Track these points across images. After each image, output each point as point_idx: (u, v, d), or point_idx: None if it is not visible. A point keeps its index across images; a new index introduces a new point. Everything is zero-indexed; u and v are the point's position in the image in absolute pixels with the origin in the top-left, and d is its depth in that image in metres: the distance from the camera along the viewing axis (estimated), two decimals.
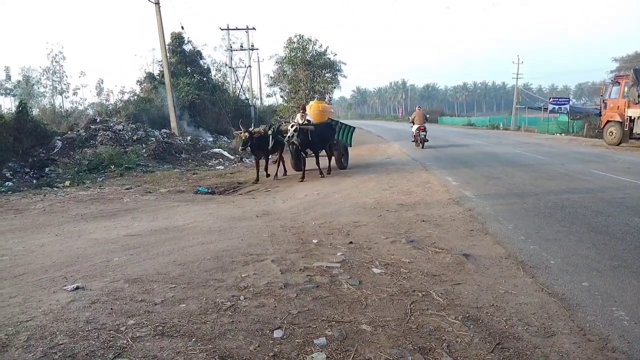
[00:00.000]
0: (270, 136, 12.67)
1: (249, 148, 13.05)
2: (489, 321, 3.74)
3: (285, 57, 27.25)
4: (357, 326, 3.63)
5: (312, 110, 14.40)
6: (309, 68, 26.45)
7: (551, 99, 41.64)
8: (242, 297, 4.19)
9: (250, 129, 12.95)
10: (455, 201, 8.78)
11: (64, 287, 4.46)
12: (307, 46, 26.76)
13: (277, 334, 3.48)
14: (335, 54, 27.82)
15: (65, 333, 3.47)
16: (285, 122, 13.61)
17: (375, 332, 3.54)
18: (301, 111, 13.90)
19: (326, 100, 27.94)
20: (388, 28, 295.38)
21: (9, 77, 39.56)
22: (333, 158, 14.53)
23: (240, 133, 12.76)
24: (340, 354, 3.22)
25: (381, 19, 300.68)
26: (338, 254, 5.55)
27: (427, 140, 21.79)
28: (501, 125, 47.64)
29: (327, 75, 27.53)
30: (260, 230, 6.85)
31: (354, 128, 16.35)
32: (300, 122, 12.61)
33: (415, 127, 22.64)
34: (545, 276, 4.75)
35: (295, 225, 7.21)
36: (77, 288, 4.42)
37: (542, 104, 48.82)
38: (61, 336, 3.42)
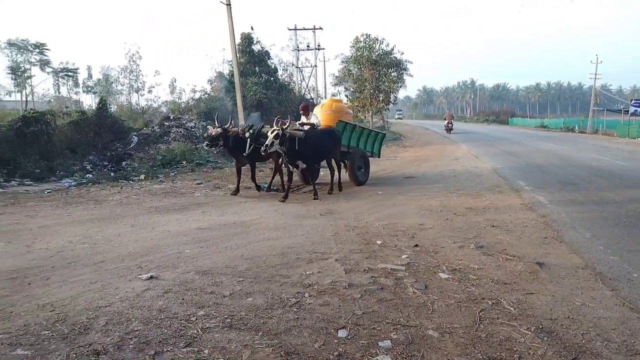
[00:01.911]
0: (248, 140, 9.99)
1: (223, 148, 10.97)
2: (564, 334, 3.55)
3: (351, 56, 27.28)
4: (423, 331, 3.56)
5: (324, 110, 11.90)
6: (375, 67, 26.32)
7: (633, 101, 39.01)
8: (306, 295, 4.23)
9: (226, 126, 10.53)
10: (528, 206, 8.42)
11: (139, 276, 4.69)
12: (374, 45, 26.64)
13: (342, 333, 3.48)
14: (402, 53, 27.52)
15: (140, 320, 3.65)
16: (267, 126, 10.47)
17: (443, 338, 3.45)
18: (302, 112, 11.35)
19: (391, 99, 27.74)
20: (457, 26, 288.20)
21: (90, 76, 42.22)
22: (342, 171, 11.56)
23: (213, 129, 10.54)
24: (405, 358, 3.17)
25: (450, 17, 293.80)
26: (403, 256, 5.48)
27: (452, 129, 34.86)
28: (576, 128, 45.13)
29: (393, 74, 27.25)
30: (324, 229, 6.88)
31: (385, 135, 14.23)
32: (285, 127, 9.38)
33: (445, 122, 36.73)
34: (628, 290, 4.44)
35: (359, 225, 7.18)
36: (151, 277, 4.63)
37: (622, 106, 45.72)
38: (136, 323, 3.60)
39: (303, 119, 11.07)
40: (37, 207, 8.83)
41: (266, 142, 9.02)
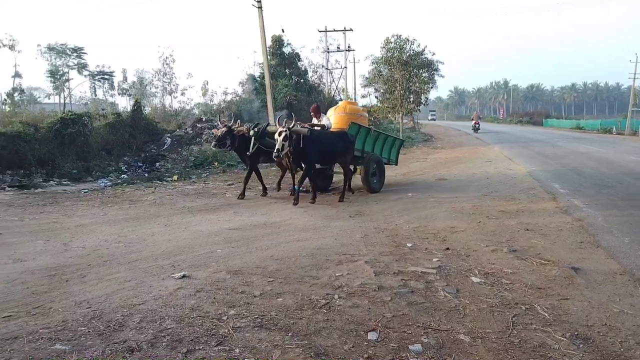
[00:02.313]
0: (252, 139, 9.57)
1: (230, 149, 10.33)
2: (600, 341, 3.44)
3: (382, 57, 27.12)
4: (454, 335, 3.51)
5: (337, 113, 11.26)
6: (406, 68, 26.09)
7: None
8: (336, 296, 4.23)
9: (230, 124, 10.16)
10: (563, 210, 8.21)
11: (172, 275, 4.78)
12: (405, 46, 26.43)
13: (372, 336, 3.46)
14: (434, 54, 27.23)
15: (173, 318, 3.72)
16: (272, 125, 9.97)
17: (474, 343, 3.40)
18: (312, 113, 10.93)
19: (422, 100, 27.48)
20: (490, 25, 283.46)
21: (125, 79, 43.30)
22: (353, 177, 11.06)
23: (218, 129, 10.22)
24: None
25: (482, 18, 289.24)
26: (434, 259, 5.42)
27: (479, 129, 38.14)
28: (614, 129, 43.70)
29: (424, 75, 26.99)
30: (353, 231, 6.87)
31: (402, 141, 13.41)
32: (292, 126, 8.92)
33: (473, 122, 40.14)
34: None
35: (389, 227, 7.14)
36: (184, 276, 4.72)
37: None
38: (169, 321, 3.67)
39: (314, 121, 10.75)
40: (75, 207, 9.10)
41: (277, 147, 8.59)
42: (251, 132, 9.67)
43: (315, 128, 10.00)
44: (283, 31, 32.38)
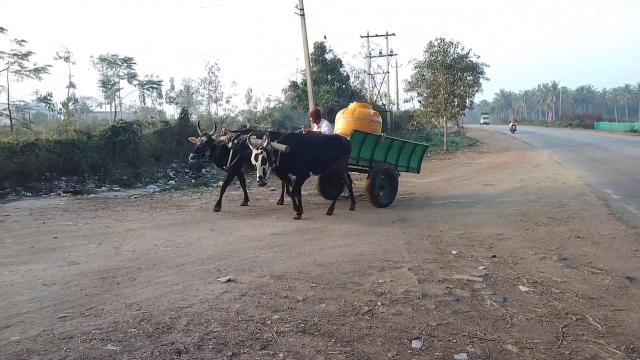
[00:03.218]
0: (231, 152, 8.87)
1: (210, 160, 9.71)
2: None
3: (425, 61, 26.79)
4: (501, 345, 3.42)
5: (345, 117, 10.20)
6: (450, 71, 25.66)
7: None
8: (379, 303, 4.21)
9: (210, 133, 9.49)
10: (617, 217, 7.87)
11: (218, 279, 4.88)
12: (449, 49, 26.01)
13: (416, 344, 3.42)
14: (479, 56, 26.64)
15: (219, 322, 3.79)
16: (254, 137, 8.32)
17: (522, 354, 3.30)
18: (311, 118, 10.35)
19: (467, 104, 26.94)
20: (538, 26, 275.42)
21: (172, 87, 44.60)
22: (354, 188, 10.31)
23: (197, 137, 9.39)
24: None
25: (529, 18, 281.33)
26: (480, 267, 5.30)
27: (516, 130, 43.07)
28: None
29: (468, 78, 26.47)
30: (396, 237, 6.82)
31: (426, 147, 12.14)
32: (265, 144, 7.85)
33: (510, 124, 46.37)
34: None
35: (433, 234, 7.04)
36: (229, 280, 4.81)
37: None
38: (215, 324, 3.75)
39: (314, 127, 10.04)
40: (125, 212, 9.44)
41: (258, 174, 7.85)
42: (229, 145, 8.87)
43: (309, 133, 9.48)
44: (325, 38, 32.50)
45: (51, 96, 21.48)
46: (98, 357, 3.21)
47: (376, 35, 39.70)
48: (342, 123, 10.14)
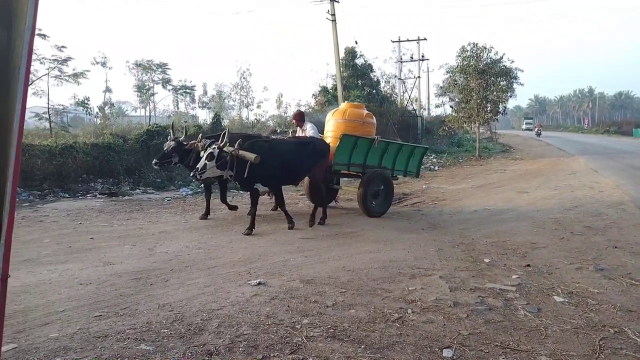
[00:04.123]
0: (204, 156, 7.41)
1: (179, 165, 8.95)
2: None
3: (457, 66, 26.48)
4: (535, 357, 3.34)
5: (335, 118, 9.47)
6: (482, 76, 25.28)
7: None
8: (409, 311, 4.16)
9: (181, 138, 8.80)
10: None
11: (248, 282, 4.93)
12: (481, 54, 25.65)
13: (447, 353, 3.37)
14: (512, 61, 26.16)
15: (249, 324, 3.82)
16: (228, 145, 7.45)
17: None
18: (294, 121, 9.59)
19: (500, 109, 26.49)
20: (573, 31, 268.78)
21: (205, 92, 45.40)
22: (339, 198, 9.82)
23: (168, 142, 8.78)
24: None
25: (564, 23, 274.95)
26: (513, 276, 5.19)
27: (541, 134, 46.18)
28: None
29: (502, 83, 26.02)
30: (426, 244, 6.74)
31: (426, 149, 11.39)
32: (222, 144, 7.30)
33: (536, 129, 51.24)
34: None
35: (465, 241, 6.93)
36: (259, 283, 4.85)
37: None
38: (245, 327, 3.78)
39: (298, 130, 9.35)
40: (159, 214, 9.63)
41: (197, 166, 7.24)
42: (202, 154, 7.80)
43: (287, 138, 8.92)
44: (356, 43, 32.60)
45: (88, 100, 22.16)
46: (132, 357, 3.28)
47: (407, 40, 39.48)
48: (332, 125, 9.49)
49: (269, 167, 7.48)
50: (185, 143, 8.61)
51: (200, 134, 9.29)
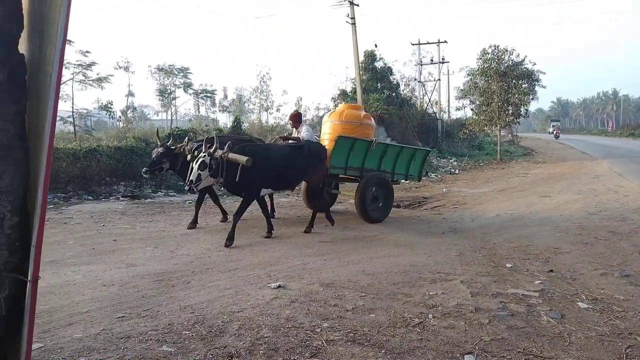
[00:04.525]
0: (191, 165, 7.09)
1: (168, 170, 8.62)
2: None
3: (478, 69, 26.26)
4: None
5: (331, 120, 9.24)
6: (504, 79, 25.02)
7: None
8: (430, 316, 4.13)
9: (167, 143, 8.49)
10: None
11: (268, 285, 4.95)
12: (503, 56, 25.39)
13: (468, 359, 3.34)
14: (534, 63, 25.82)
15: (269, 327, 3.84)
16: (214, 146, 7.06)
17: None
18: (291, 122, 9.20)
19: (522, 112, 26.17)
20: (597, 34, 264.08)
21: (225, 96, 45.78)
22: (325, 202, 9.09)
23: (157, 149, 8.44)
24: None
25: (587, 24, 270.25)
26: (536, 282, 5.12)
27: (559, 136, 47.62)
28: None
29: (523, 86, 25.70)
30: (447, 248, 6.68)
31: (428, 152, 10.87)
32: (212, 149, 6.86)
33: (554, 132, 51.36)
34: None
35: (486, 246, 6.86)
36: (279, 286, 4.87)
37: None
38: (266, 329, 3.80)
39: (294, 132, 8.93)
40: (180, 216, 9.73)
41: (189, 177, 6.74)
42: (188, 158, 7.43)
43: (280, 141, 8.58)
44: (376, 46, 32.39)
45: (111, 104, 22.53)
46: (154, 358, 3.32)
47: (427, 43, 39.21)
48: (328, 127, 9.21)
49: (260, 171, 7.11)
50: (173, 148, 8.29)
51: (187, 138, 9.20)
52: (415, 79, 37.95)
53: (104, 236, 7.65)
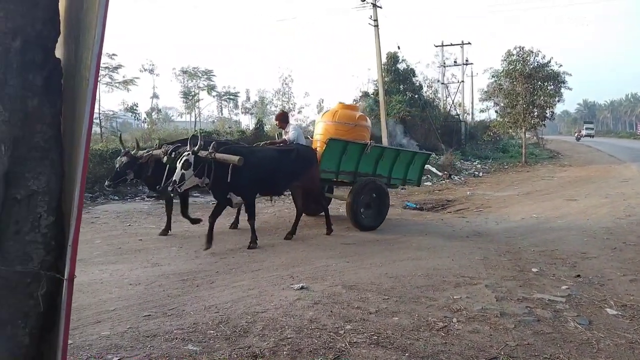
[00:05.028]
0: (167, 168, 6.91)
1: (134, 179, 7.89)
2: None
3: (502, 70, 25.93)
4: None
5: (324, 120, 8.87)
6: (529, 81, 24.65)
7: None
8: (455, 320, 4.10)
9: (133, 152, 7.62)
10: None
11: (291, 286, 4.98)
12: (528, 58, 25.02)
13: None
14: (560, 65, 25.37)
15: (293, 328, 3.86)
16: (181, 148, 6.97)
17: None
18: (277, 122, 8.82)
19: (548, 114, 25.74)
20: (625, 35, 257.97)
21: (248, 98, 46.24)
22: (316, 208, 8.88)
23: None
24: None
25: (614, 24, 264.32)
26: (562, 287, 5.03)
27: (580, 139, 47.11)
28: None
29: (549, 88, 25.27)
30: (471, 252, 6.62)
31: (428, 155, 10.34)
32: (197, 148, 6.42)
33: (576, 134, 53.69)
34: None
35: (511, 250, 6.77)
36: (302, 288, 4.89)
37: None
38: (289, 330, 3.82)
39: (283, 134, 8.44)
40: (204, 217, 9.79)
41: (173, 178, 6.29)
42: (164, 160, 7.05)
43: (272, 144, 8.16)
44: (399, 48, 32.48)
45: (137, 106, 22.91)
46: (179, 356, 3.37)
47: (451, 45, 38.94)
48: (320, 128, 8.76)
49: (248, 175, 6.70)
50: (139, 156, 7.57)
51: (158, 140, 8.74)
52: (438, 81, 37.68)
53: (130, 236, 7.79)
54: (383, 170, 8.76)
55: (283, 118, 8.51)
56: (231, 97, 44.66)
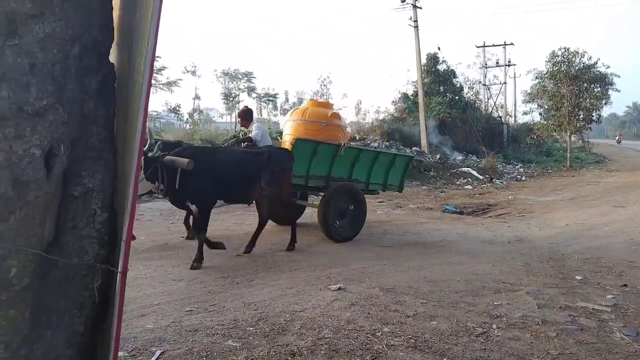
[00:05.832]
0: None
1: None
2: None
3: (547, 72, 25.26)
4: None
5: (293, 119, 8.21)
6: (574, 82, 23.92)
7: None
8: (494, 326, 4.04)
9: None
10: None
11: (328, 286, 5.01)
12: (573, 59, 24.29)
13: None
14: (608, 66, 24.50)
15: (330, 328, 3.89)
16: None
17: None
18: (239, 120, 8.16)
19: (594, 117, 24.89)
20: None
21: (287, 100, 46.70)
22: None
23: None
24: None
25: None
26: (608, 296, 4.87)
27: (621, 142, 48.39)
28: None
29: (596, 90, 24.45)
30: (513, 258, 6.49)
31: (410, 158, 9.85)
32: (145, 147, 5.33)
33: (617, 138, 53.40)
34: None
35: (554, 257, 6.60)
36: (340, 289, 4.91)
37: None
38: (326, 330, 3.85)
39: (247, 133, 7.70)
40: (243, 216, 10.02)
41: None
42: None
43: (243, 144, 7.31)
44: (439, 49, 32.02)
45: (179, 107, 23.47)
46: (220, 352, 3.46)
47: (493, 45, 38.22)
48: (289, 127, 8.05)
49: (202, 180, 5.81)
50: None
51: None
52: (479, 82, 37.05)
53: (173, 233, 8.00)
54: (360, 175, 7.95)
55: (245, 115, 7.80)
56: (270, 98, 45.21)
